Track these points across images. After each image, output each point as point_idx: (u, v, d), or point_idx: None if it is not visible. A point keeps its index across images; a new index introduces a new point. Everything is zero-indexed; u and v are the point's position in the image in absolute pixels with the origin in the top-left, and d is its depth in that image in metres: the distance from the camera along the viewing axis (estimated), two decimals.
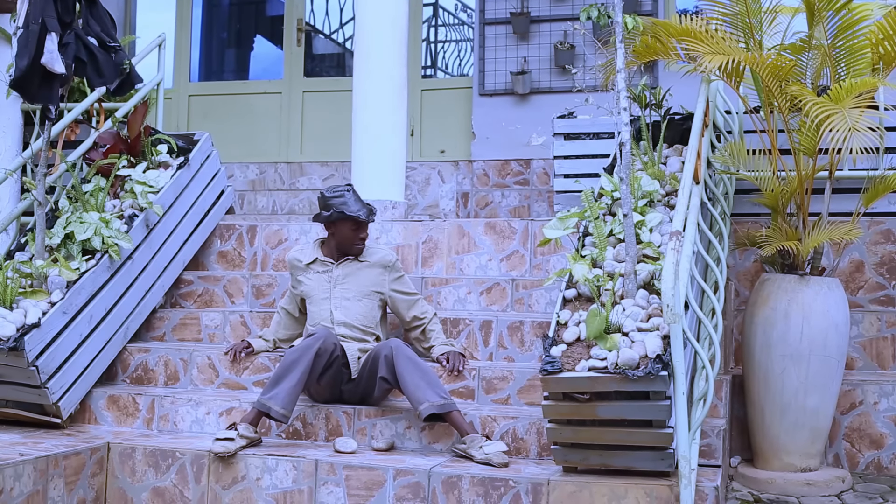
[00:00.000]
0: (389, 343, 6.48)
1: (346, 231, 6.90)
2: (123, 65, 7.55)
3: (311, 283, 7.01)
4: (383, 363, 6.37)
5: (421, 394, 6.15)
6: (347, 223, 6.89)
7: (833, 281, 6.52)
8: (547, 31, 11.33)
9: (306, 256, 7.08)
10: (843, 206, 7.14)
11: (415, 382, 6.20)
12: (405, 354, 6.34)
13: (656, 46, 6.90)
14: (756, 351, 6.48)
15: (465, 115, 11.65)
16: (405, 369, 6.26)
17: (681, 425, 5.22)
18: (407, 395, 6.24)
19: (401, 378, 6.26)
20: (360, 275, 6.97)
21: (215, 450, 6.03)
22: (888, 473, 6.82)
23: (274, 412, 6.19)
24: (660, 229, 6.26)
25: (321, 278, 6.99)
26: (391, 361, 6.33)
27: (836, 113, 5.94)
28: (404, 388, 6.25)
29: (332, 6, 12.99)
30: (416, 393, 6.16)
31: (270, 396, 6.22)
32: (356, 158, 9.31)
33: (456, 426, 6.13)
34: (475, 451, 5.96)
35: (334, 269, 6.98)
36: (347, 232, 6.90)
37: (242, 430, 6.16)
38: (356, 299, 6.91)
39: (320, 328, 6.69)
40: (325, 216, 6.92)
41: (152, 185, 7.87)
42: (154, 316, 7.95)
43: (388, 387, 6.45)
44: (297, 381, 6.24)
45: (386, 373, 6.35)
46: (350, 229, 6.90)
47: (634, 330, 5.43)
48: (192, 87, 12.96)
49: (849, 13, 6.44)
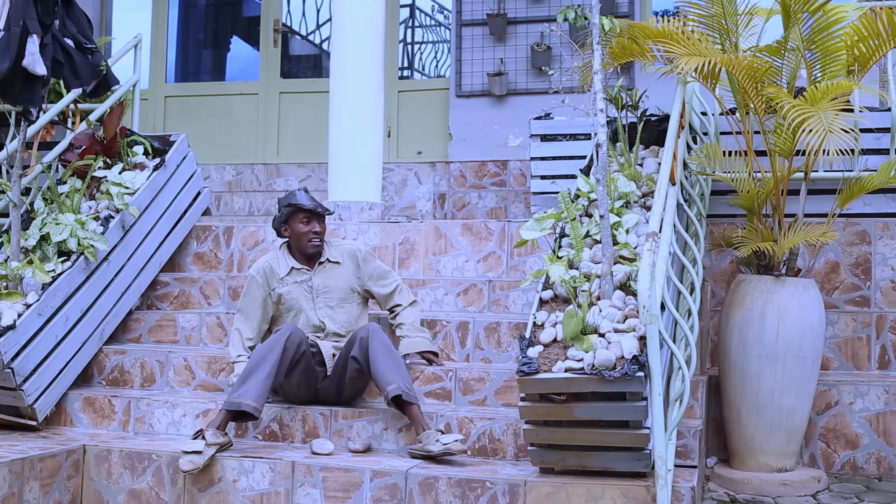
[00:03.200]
0: (367, 326, 6.49)
1: (299, 227, 6.80)
2: (100, 66, 7.52)
3: (291, 294, 6.86)
4: (357, 345, 6.40)
5: (390, 376, 6.18)
6: (298, 217, 6.80)
7: (808, 282, 6.54)
8: (524, 33, 11.35)
9: (281, 267, 6.90)
10: (818, 208, 7.15)
11: (386, 365, 6.23)
12: (380, 339, 6.35)
13: (633, 48, 6.91)
14: (732, 351, 6.50)
15: (441, 117, 11.66)
16: (378, 352, 6.28)
17: (657, 426, 5.24)
18: (375, 376, 6.26)
19: (372, 359, 6.28)
20: (337, 278, 6.89)
21: (183, 467, 5.94)
22: (863, 473, 6.85)
23: (245, 405, 6.14)
24: (636, 230, 6.27)
25: (300, 289, 6.87)
26: (365, 343, 6.35)
27: (813, 115, 5.96)
28: (374, 369, 6.27)
29: (308, 7, 12.98)
30: (386, 375, 6.19)
31: (240, 393, 6.18)
32: (333, 160, 9.30)
33: (414, 420, 6.14)
34: (432, 446, 5.96)
35: (313, 277, 6.88)
36: (300, 227, 6.79)
37: (210, 438, 6.08)
38: (339, 306, 6.87)
39: (286, 325, 6.62)
40: (278, 217, 6.87)
41: (128, 186, 7.84)
42: (130, 318, 7.93)
43: (359, 367, 6.40)
44: (267, 374, 6.22)
45: (357, 352, 6.38)
46: (301, 223, 6.80)
47: (611, 331, 5.44)
48: (168, 88, 12.93)
49: (824, 15, 6.46)
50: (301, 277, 6.87)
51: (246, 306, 6.92)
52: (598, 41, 6.11)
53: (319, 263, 6.89)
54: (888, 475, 6.79)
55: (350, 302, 6.90)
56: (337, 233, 8.26)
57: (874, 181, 6.68)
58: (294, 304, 6.85)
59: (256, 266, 6.95)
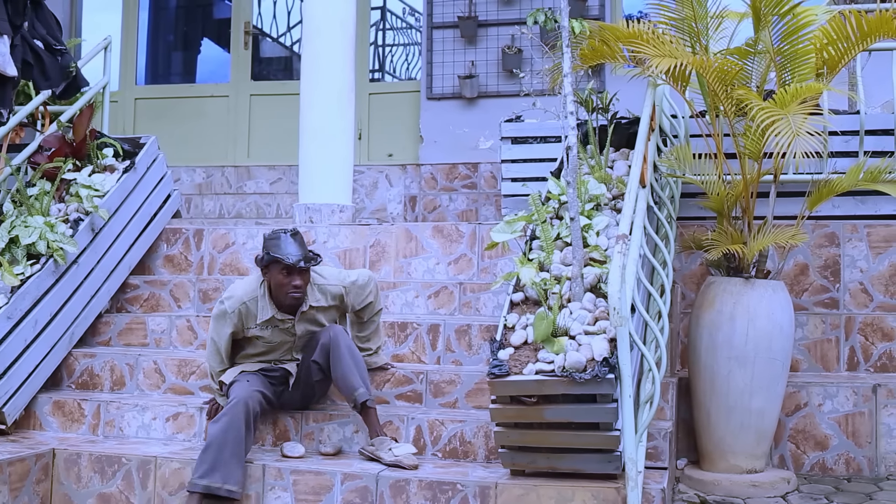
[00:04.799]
0: (329, 330, 6.36)
1: (277, 277, 6.23)
2: (69, 68, 7.51)
3: (269, 338, 6.44)
4: (319, 350, 6.31)
5: (355, 380, 6.14)
6: (277, 267, 6.22)
7: (778, 284, 6.56)
8: (494, 36, 11.38)
9: (261, 312, 6.33)
10: (787, 210, 7.19)
11: (350, 370, 6.17)
12: (344, 343, 6.28)
13: (603, 50, 6.92)
14: (702, 353, 6.52)
15: (412, 119, 11.66)
16: (342, 357, 6.22)
17: (627, 428, 5.25)
18: (339, 380, 6.21)
19: (336, 364, 6.22)
20: (319, 318, 6.50)
21: None
22: (833, 474, 6.87)
23: (224, 491, 5.82)
24: (606, 233, 6.28)
25: (280, 335, 6.46)
26: (327, 349, 6.27)
27: (781, 118, 5.98)
28: (337, 374, 6.21)
29: (279, 9, 12.97)
30: (351, 379, 6.15)
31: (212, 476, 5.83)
32: (303, 162, 9.28)
33: (370, 424, 6.13)
34: (384, 454, 5.97)
35: (296, 324, 6.44)
36: (278, 277, 6.23)
37: None
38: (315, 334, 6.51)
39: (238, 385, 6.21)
40: (258, 259, 6.35)
41: (98, 188, 7.81)
42: (100, 321, 7.89)
43: (321, 371, 6.33)
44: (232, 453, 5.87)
45: (319, 357, 6.29)
46: (280, 273, 6.22)
47: (581, 333, 5.45)
48: (138, 90, 12.90)
49: (794, 18, 6.48)
50: (283, 326, 6.42)
51: (219, 340, 6.43)
52: (567, 44, 6.12)
53: (302, 312, 6.41)
54: (857, 476, 6.82)
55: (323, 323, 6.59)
56: (308, 235, 8.24)
57: (843, 184, 6.72)
58: (269, 345, 6.48)
59: (232, 301, 6.37)
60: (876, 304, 7.45)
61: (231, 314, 6.33)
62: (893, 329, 7.32)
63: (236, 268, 8.37)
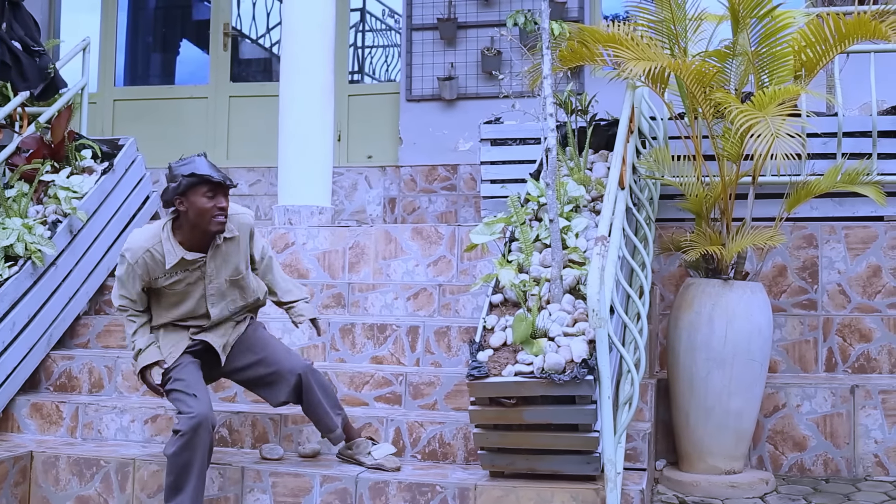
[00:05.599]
0: (298, 369, 5.92)
1: (201, 201, 5.61)
2: (48, 69, 7.48)
3: (177, 286, 5.84)
4: (291, 391, 5.94)
5: (330, 420, 5.96)
6: (200, 189, 5.61)
7: (756, 285, 6.58)
8: (474, 37, 11.39)
9: (168, 256, 5.73)
10: (766, 212, 7.21)
11: (325, 410, 5.94)
12: (319, 382, 5.97)
13: (582, 52, 6.93)
14: (681, 354, 6.53)
15: (392, 121, 11.66)
16: (317, 398, 5.93)
17: (606, 429, 5.26)
18: (316, 419, 5.98)
19: (311, 406, 5.93)
20: (231, 257, 5.93)
21: None
22: (811, 475, 6.89)
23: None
24: (586, 234, 6.29)
25: (192, 276, 5.85)
26: (300, 388, 5.92)
27: (760, 120, 6.00)
28: (314, 414, 5.97)
29: (258, 11, 12.95)
30: (326, 420, 5.95)
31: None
32: (283, 163, 9.27)
33: (346, 430, 6.05)
34: (364, 458, 5.95)
35: (207, 262, 5.84)
36: (202, 202, 5.62)
37: None
38: (230, 289, 5.99)
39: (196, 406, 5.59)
40: (173, 188, 5.64)
41: (76, 190, 7.78)
42: (78, 323, 7.86)
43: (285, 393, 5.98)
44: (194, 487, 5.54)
45: (290, 396, 5.94)
46: (204, 196, 5.62)
47: (560, 334, 5.45)
48: (117, 91, 12.87)
49: (772, 21, 6.50)
50: (192, 267, 5.82)
51: (130, 301, 5.88)
52: (547, 45, 6.12)
53: (217, 245, 5.84)
54: (835, 477, 6.85)
55: (241, 282, 6.02)
56: (287, 237, 8.23)
57: (821, 185, 6.74)
58: (178, 296, 5.86)
59: (133, 251, 5.75)
60: (854, 306, 7.48)
61: (135, 265, 5.72)
62: (871, 330, 7.35)
63: None
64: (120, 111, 12.69)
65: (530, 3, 10.85)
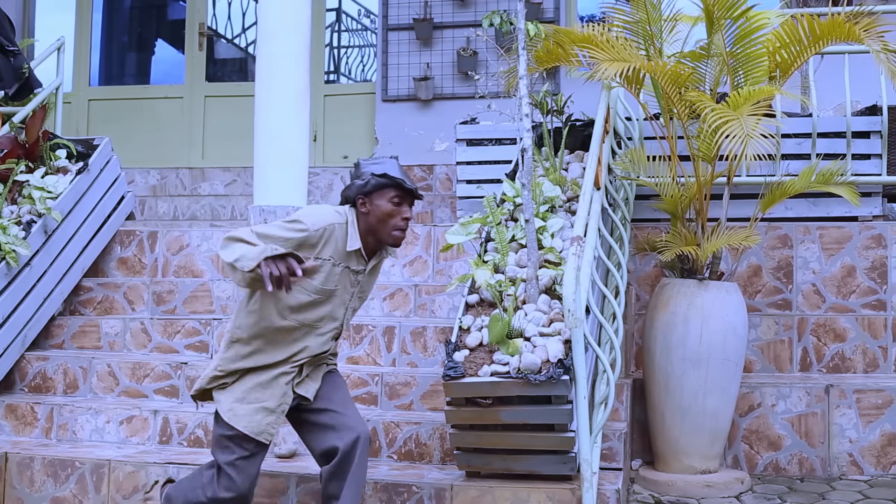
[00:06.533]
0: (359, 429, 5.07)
1: (386, 206, 4.99)
2: (22, 69, 7.44)
3: (332, 280, 5.04)
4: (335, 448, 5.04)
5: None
6: (388, 193, 5.00)
7: (731, 285, 6.60)
8: (450, 38, 11.39)
9: (351, 241, 5.03)
10: (741, 212, 7.24)
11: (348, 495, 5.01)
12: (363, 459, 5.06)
13: (558, 53, 6.94)
14: (656, 354, 6.55)
15: (368, 121, 11.65)
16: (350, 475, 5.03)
17: (582, 429, 5.27)
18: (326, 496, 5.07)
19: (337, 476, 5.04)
20: (374, 278, 5.33)
21: None
22: (786, 474, 6.92)
23: None
24: (561, 234, 6.30)
25: (345, 279, 5.09)
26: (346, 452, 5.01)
27: (734, 120, 6.01)
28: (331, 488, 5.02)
29: (234, 11, 12.92)
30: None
31: None
32: (258, 164, 9.19)
33: None
34: None
35: (366, 273, 5.18)
36: (387, 207, 4.99)
37: None
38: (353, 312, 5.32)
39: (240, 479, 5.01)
40: (359, 185, 5.04)
41: (51, 190, 7.76)
42: (53, 323, 7.83)
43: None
44: None
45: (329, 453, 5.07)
46: (391, 202, 5.00)
47: (536, 335, 5.46)
48: (92, 91, 12.81)
49: (747, 21, 6.52)
50: (356, 267, 5.11)
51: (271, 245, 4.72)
52: (523, 46, 6.13)
53: (378, 257, 5.22)
54: (810, 476, 6.87)
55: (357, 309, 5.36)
56: None
57: (795, 186, 6.76)
58: (327, 294, 5.04)
59: (317, 218, 4.98)
60: (828, 306, 7.51)
61: (313, 233, 4.92)
62: (845, 330, 7.39)
63: (191, 270, 8.33)
64: (95, 111, 12.64)
65: (506, 3, 10.86)
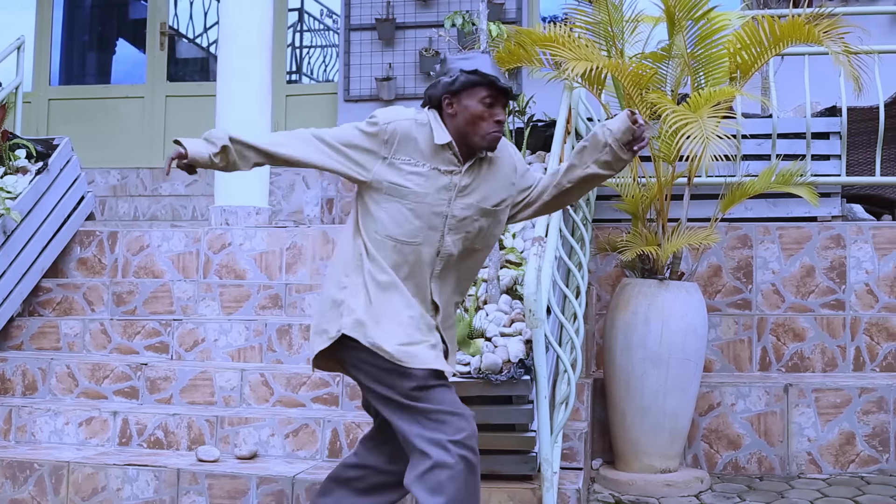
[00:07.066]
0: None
1: (476, 107, 4.31)
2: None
3: (419, 182, 4.33)
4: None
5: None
6: (479, 93, 4.32)
7: (692, 285, 6.63)
8: (412, 38, 11.40)
9: (438, 134, 4.36)
10: (701, 212, 7.26)
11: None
12: None
13: (520, 53, 6.95)
14: (617, 354, 6.56)
15: (330, 121, 11.61)
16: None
17: (543, 429, 5.26)
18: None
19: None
20: (493, 181, 4.49)
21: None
22: (745, 473, 6.95)
23: None
24: (522, 235, 6.31)
25: (438, 182, 4.35)
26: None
27: (693, 122, 6.04)
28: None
29: (196, 10, 12.87)
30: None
31: None
32: None
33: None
34: None
35: (462, 173, 4.39)
36: (477, 108, 4.31)
37: None
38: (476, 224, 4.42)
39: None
40: (445, 83, 4.37)
41: (10, 190, 7.72)
42: (11, 324, 7.78)
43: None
44: None
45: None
46: (481, 102, 4.32)
47: (497, 335, 5.46)
48: (52, 90, 12.74)
49: (708, 23, 6.55)
50: (446, 167, 4.36)
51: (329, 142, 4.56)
52: (485, 47, 6.13)
53: (480, 158, 4.44)
54: (769, 475, 6.90)
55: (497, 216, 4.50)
56: (223, 238, 8.18)
57: (755, 186, 6.80)
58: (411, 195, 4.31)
59: (389, 114, 4.47)
60: (788, 305, 7.55)
61: (385, 128, 4.41)
62: (805, 329, 7.43)
63: (151, 270, 8.28)
64: (55, 110, 12.57)
65: (468, 4, 10.89)
